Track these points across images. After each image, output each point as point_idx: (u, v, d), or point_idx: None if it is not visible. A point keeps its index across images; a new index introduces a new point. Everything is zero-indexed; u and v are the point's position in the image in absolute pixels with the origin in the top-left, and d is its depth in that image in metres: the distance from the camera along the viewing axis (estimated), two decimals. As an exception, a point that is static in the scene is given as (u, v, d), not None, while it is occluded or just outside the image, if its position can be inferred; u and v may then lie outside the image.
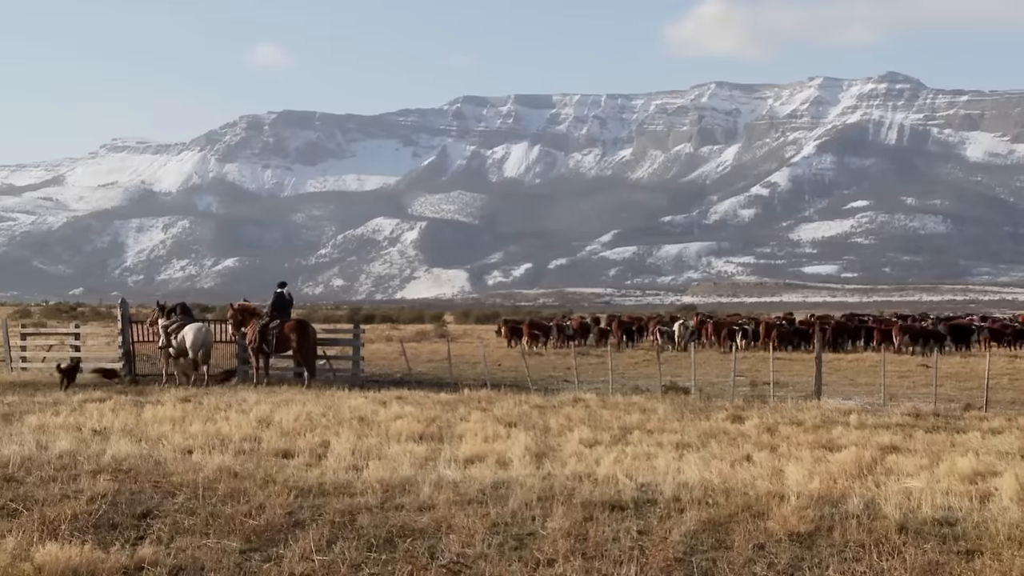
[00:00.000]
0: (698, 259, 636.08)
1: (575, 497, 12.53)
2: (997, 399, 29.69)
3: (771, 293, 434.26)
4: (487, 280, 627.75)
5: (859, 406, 27.00)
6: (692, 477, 13.81)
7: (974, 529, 11.04)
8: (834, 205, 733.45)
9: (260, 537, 10.65)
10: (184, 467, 14.43)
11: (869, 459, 15.91)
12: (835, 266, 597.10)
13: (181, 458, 15.34)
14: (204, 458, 15.12)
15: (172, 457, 15.38)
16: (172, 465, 14.64)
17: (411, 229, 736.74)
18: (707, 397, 28.86)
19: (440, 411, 22.97)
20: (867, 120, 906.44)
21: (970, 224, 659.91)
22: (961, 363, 46.17)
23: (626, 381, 35.65)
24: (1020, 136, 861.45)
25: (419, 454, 15.96)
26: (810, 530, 10.95)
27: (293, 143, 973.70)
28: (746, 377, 36.36)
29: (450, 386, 32.39)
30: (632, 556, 9.81)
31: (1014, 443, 18.86)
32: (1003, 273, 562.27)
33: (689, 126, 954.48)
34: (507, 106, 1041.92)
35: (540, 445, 17.31)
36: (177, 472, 14.05)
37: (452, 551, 10.10)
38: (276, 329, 33.03)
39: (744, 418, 22.52)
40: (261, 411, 22.23)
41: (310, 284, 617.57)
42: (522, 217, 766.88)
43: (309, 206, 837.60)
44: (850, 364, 46.85)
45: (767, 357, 35.54)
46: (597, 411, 23.83)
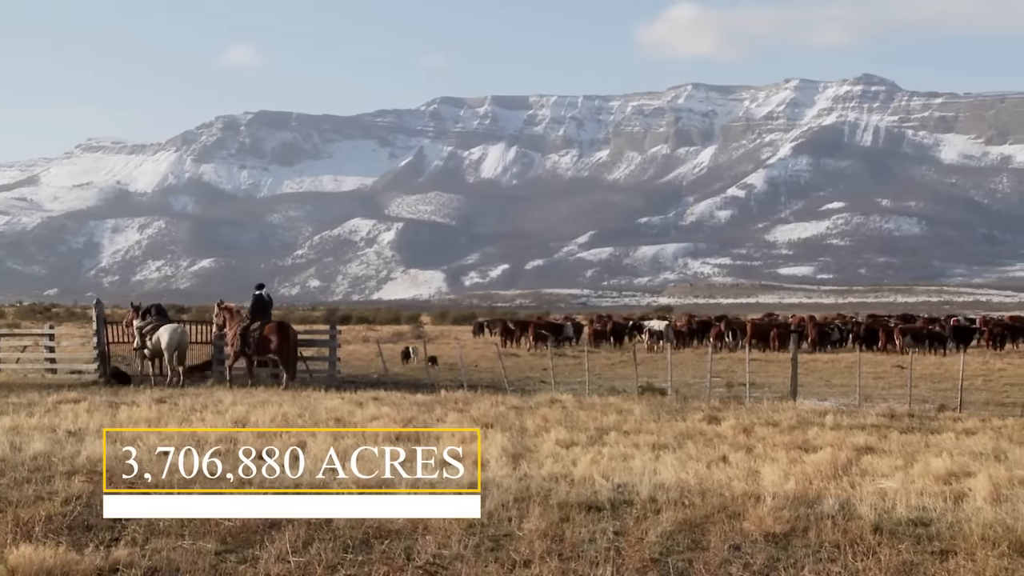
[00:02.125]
0: (674, 260, 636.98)
1: (551, 498, 12.53)
2: (971, 400, 29.85)
3: (747, 294, 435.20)
4: (464, 281, 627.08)
5: (834, 407, 27.11)
6: (668, 478, 13.84)
7: (948, 529, 11.10)
8: (810, 207, 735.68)
9: (236, 538, 10.62)
10: (159, 468, 14.35)
11: (844, 460, 15.97)
12: (811, 267, 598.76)
13: (156, 459, 15.26)
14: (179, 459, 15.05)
15: (147, 458, 15.30)
16: (147, 466, 14.57)
17: (388, 230, 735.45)
18: (683, 398, 28.92)
19: (417, 412, 22.95)
20: (842, 122, 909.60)
21: (945, 226, 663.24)
22: (935, 364, 46.40)
23: (602, 382, 35.71)
24: (994, 138, 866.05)
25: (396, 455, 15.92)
26: (786, 531, 10.99)
27: (269, 143, 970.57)
28: (722, 378, 36.45)
29: (427, 387, 32.37)
30: (608, 557, 9.83)
31: (988, 444, 18.96)
32: (977, 275, 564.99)
33: (666, 127, 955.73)
34: (484, 107, 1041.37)
35: (517, 446, 17.31)
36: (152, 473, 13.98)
37: (428, 552, 10.09)
38: (256, 331, 32.98)
39: (720, 419, 22.58)
40: (237, 412, 22.16)
41: (286, 285, 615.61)
42: (499, 218, 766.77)
43: (285, 207, 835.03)
44: (825, 365, 47.02)
45: (743, 358, 35.65)
46: (574, 412, 23.85)
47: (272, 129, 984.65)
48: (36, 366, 36.45)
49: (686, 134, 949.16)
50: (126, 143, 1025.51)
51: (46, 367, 36.14)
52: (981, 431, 21.52)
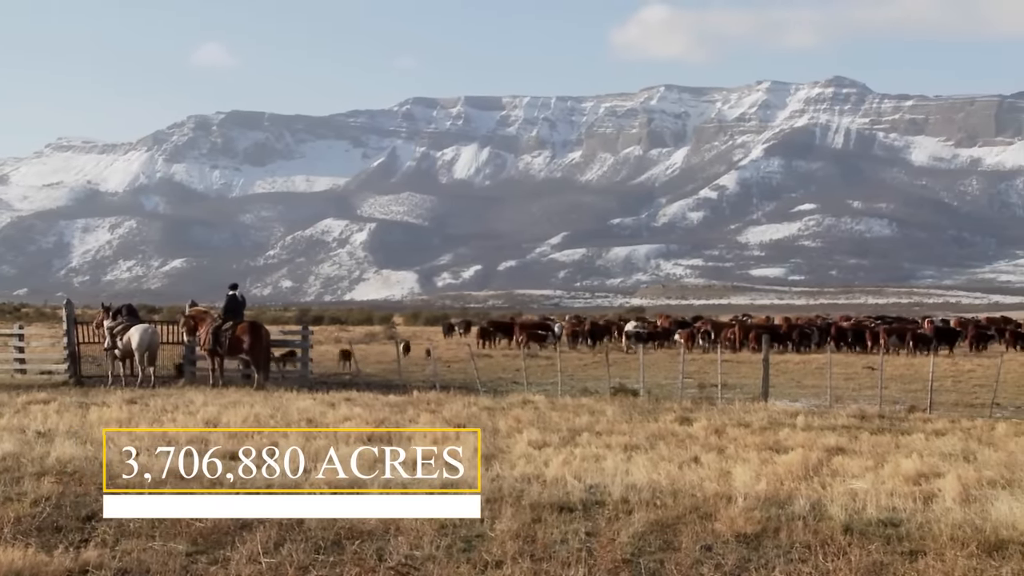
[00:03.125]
0: (647, 261, 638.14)
1: (524, 499, 12.54)
2: (941, 401, 30.03)
3: (719, 295, 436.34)
4: (437, 282, 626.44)
5: (806, 408, 27.24)
6: (640, 479, 13.86)
7: (918, 530, 11.15)
8: (781, 208, 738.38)
9: (207, 539, 10.58)
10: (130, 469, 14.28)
11: (815, 461, 16.04)
12: (782, 269, 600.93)
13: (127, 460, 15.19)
14: (150, 460, 14.97)
15: (118, 459, 15.22)
16: (118, 467, 14.50)
17: (360, 230, 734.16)
18: (656, 399, 28.98)
19: (389, 413, 22.92)
20: (814, 124, 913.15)
21: (915, 228, 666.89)
22: (906, 365, 46.64)
23: (575, 383, 35.75)
24: (964, 141, 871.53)
25: (368, 456, 15.89)
26: (757, 531, 11.02)
27: (241, 143, 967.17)
28: (694, 379, 36.56)
29: (399, 388, 32.33)
30: (580, 558, 9.83)
31: (957, 445, 19.08)
32: (947, 276, 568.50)
33: (638, 129, 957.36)
34: (457, 108, 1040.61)
35: (489, 447, 17.31)
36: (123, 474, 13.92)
37: (400, 553, 10.08)
38: (229, 331, 32.88)
39: (692, 420, 22.64)
40: (208, 413, 22.08)
41: (258, 285, 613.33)
42: (472, 219, 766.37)
43: (258, 207, 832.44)
44: (796, 366, 47.21)
45: (715, 359, 35.74)
46: (546, 413, 23.87)
47: (244, 129, 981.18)
48: (5, 367, 36.21)
49: (659, 135, 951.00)
50: (97, 142, 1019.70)
51: (15, 368, 35.92)
52: (951, 432, 21.65)
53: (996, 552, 10.24)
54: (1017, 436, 21.08)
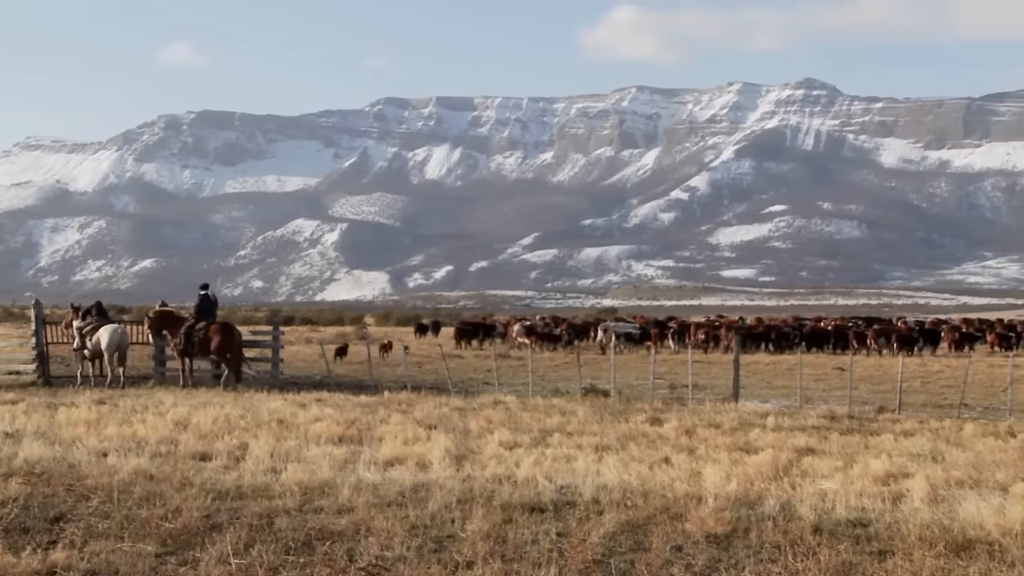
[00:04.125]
0: (618, 262, 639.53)
1: (495, 499, 12.53)
2: (909, 402, 30.19)
3: (690, 296, 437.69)
4: (408, 282, 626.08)
5: (776, 409, 27.33)
6: (611, 479, 13.87)
7: (886, 530, 11.20)
8: (752, 210, 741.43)
9: (176, 540, 10.53)
10: (99, 470, 14.21)
11: (785, 461, 16.10)
12: (753, 270, 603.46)
13: (96, 461, 15.11)
14: (119, 461, 14.91)
15: (86, 460, 15.14)
16: (86, 468, 14.42)
17: (332, 231, 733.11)
18: (627, 399, 29.02)
19: (360, 413, 22.87)
20: (785, 126, 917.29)
21: (884, 229, 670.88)
22: (875, 366, 46.89)
23: (546, 383, 35.77)
24: (933, 143, 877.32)
25: (338, 456, 15.87)
26: (727, 531, 11.05)
27: (212, 143, 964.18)
28: (665, 380, 36.61)
29: (370, 388, 32.28)
30: (551, 558, 9.84)
31: (926, 445, 19.19)
32: (916, 278, 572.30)
33: (610, 130, 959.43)
34: (428, 108, 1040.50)
35: (460, 447, 17.30)
36: (91, 475, 13.84)
37: (371, 553, 10.06)
38: (201, 331, 32.75)
39: (663, 420, 22.68)
40: (178, 413, 21.98)
41: (229, 285, 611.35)
42: (443, 219, 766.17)
43: (228, 207, 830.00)
44: (767, 367, 47.36)
45: (686, 360, 35.82)
46: (517, 413, 23.87)
47: (215, 129, 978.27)
48: (-27, 367, 35.95)
49: (630, 136, 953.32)
50: (66, 142, 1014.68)
51: (-17, 368, 35.67)
52: (919, 432, 21.77)
53: (963, 552, 10.30)
54: (985, 437, 21.22)
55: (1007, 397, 29.39)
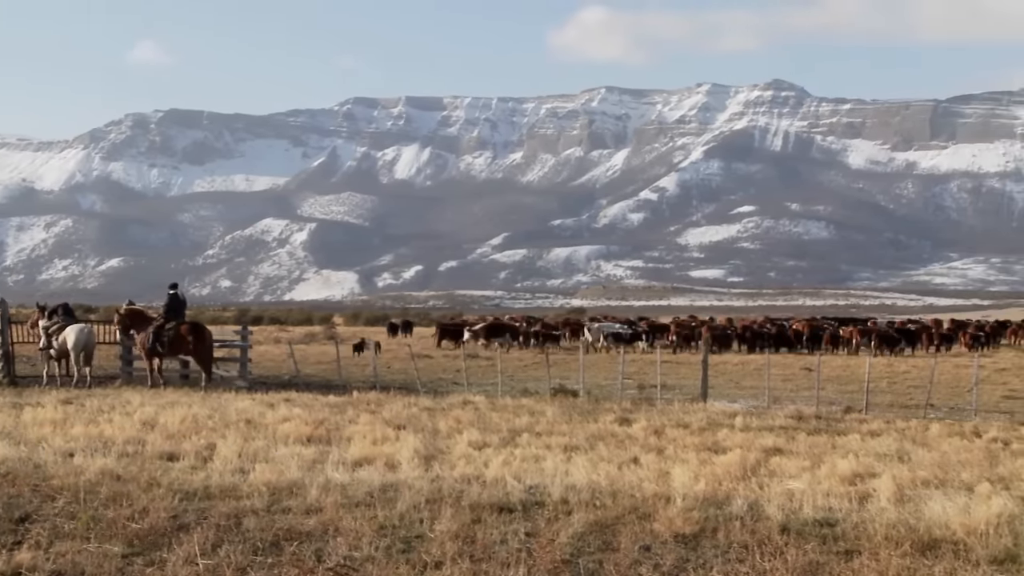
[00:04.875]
0: (587, 262, 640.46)
1: (463, 499, 12.52)
2: (876, 402, 30.38)
3: (659, 297, 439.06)
4: (377, 282, 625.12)
5: (744, 409, 27.45)
6: (580, 479, 13.88)
7: (853, 529, 11.25)
8: (721, 210, 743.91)
9: (143, 541, 10.47)
10: (65, 470, 14.11)
11: (753, 461, 16.15)
12: (722, 270, 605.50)
13: (62, 461, 15.00)
14: (86, 461, 14.81)
15: (52, 460, 15.03)
16: (52, 468, 14.31)
17: (300, 230, 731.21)
18: (595, 400, 29.08)
19: (329, 413, 22.81)
20: (753, 127, 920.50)
21: (852, 230, 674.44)
22: (842, 367, 47.13)
23: (515, 384, 35.81)
24: (900, 145, 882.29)
25: (307, 456, 15.82)
26: (695, 531, 11.07)
27: (180, 142, 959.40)
28: (634, 380, 36.72)
29: (339, 388, 32.23)
30: (520, 558, 9.84)
31: (892, 445, 19.30)
32: (883, 279, 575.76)
33: (579, 130, 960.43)
34: (398, 108, 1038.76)
35: (429, 447, 17.27)
36: (57, 475, 13.74)
37: (339, 554, 10.04)
38: (171, 331, 32.57)
39: (632, 420, 22.73)
40: (146, 413, 21.86)
41: (197, 285, 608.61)
42: (412, 219, 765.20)
43: (196, 206, 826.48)
44: (735, 367, 47.56)
45: (655, 360, 35.91)
46: (486, 413, 23.87)
47: (183, 128, 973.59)
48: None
49: (599, 137, 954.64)
50: (32, 140, 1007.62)
51: (-53, 368, 35.38)
52: (886, 432, 21.91)
53: (929, 551, 10.36)
54: (950, 437, 21.37)
55: (972, 397, 29.61)
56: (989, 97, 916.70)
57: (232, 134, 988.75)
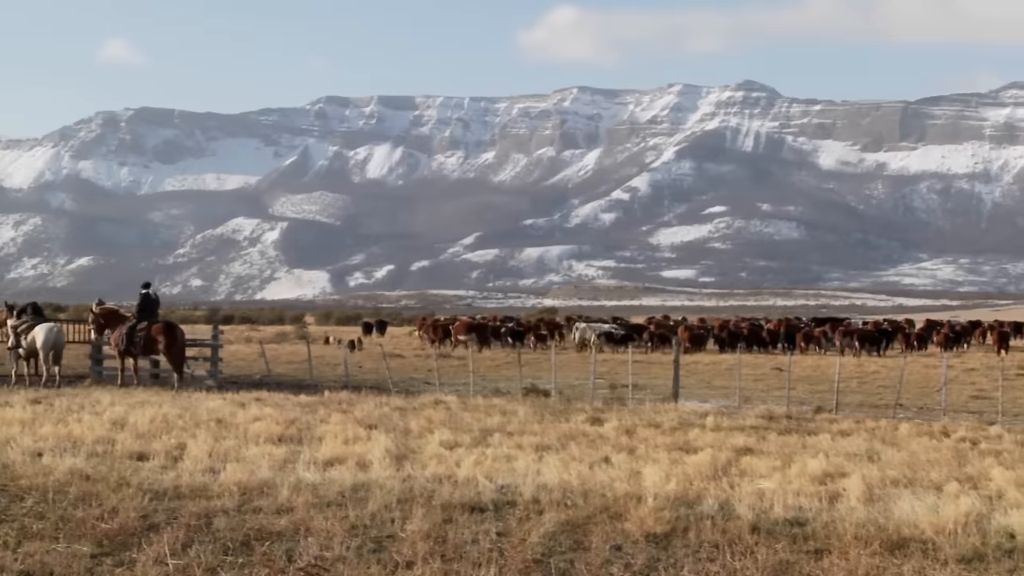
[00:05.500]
0: (559, 262, 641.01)
1: (435, 499, 12.52)
2: (846, 402, 30.54)
3: (631, 297, 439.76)
4: (349, 281, 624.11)
5: (715, 408, 27.54)
6: (551, 479, 13.90)
7: (823, 529, 11.31)
8: (693, 210, 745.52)
9: (112, 541, 10.42)
10: (33, 470, 14.03)
11: (724, 461, 16.21)
12: (693, 270, 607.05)
13: (30, 461, 14.91)
14: (55, 461, 14.74)
15: (20, 460, 14.94)
16: (21, 468, 14.23)
17: (272, 229, 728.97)
18: (567, 399, 29.13)
19: (300, 413, 22.77)
20: (725, 127, 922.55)
21: (822, 231, 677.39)
22: (812, 367, 47.33)
23: (487, 383, 35.83)
24: (870, 145, 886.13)
25: (278, 456, 15.79)
26: (666, 531, 11.10)
27: (151, 140, 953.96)
28: (605, 380, 36.77)
29: (310, 388, 32.17)
30: (491, 558, 9.84)
31: (861, 445, 19.41)
32: (853, 279, 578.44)
33: (551, 130, 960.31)
34: (370, 107, 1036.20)
35: (400, 447, 17.26)
36: (26, 475, 13.67)
37: (310, 554, 10.01)
38: (143, 331, 32.41)
39: (603, 420, 22.77)
40: (115, 413, 21.76)
41: (168, 284, 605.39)
42: (384, 218, 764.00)
43: (167, 205, 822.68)
44: (707, 367, 47.71)
45: (627, 360, 35.98)
46: (458, 413, 23.88)
47: (153, 126, 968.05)
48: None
49: (571, 137, 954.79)
50: (0, 138, 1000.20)
51: (-85, 367, 35.14)
52: (855, 432, 22.03)
53: (898, 550, 10.42)
54: (919, 436, 21.51)
55: (941, 397, 29.79)
56: (958, 99, 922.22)
57: (203, 132, 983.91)
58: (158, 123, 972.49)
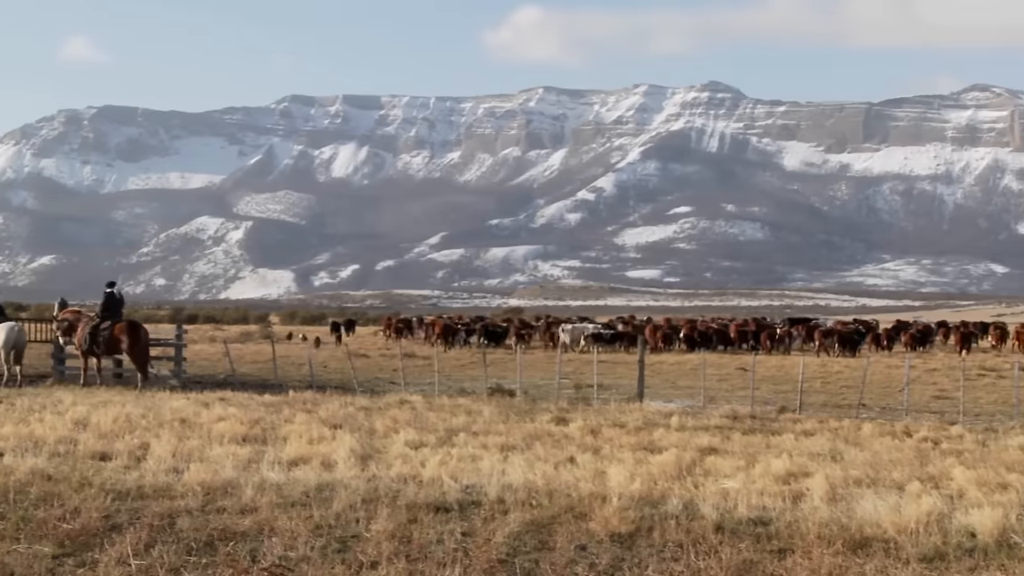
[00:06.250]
0: (525, 262, 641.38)
1: (400, 499, 12.50)
2: (810, 402, 30.69)
3: (596, 297, 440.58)
4: (314, 281, 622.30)
5: (680, 408, 27.62)
6: (516, 479, 13.91)
7: (786, 528, 11.36)
8: (658, 211, 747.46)
9: (75, 541, 10.36)
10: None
11: (688, 460, 16.26)
12: (658, 271, 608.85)
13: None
14: (16, 461, 14.63)
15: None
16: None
17: (236, 228, 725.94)
18: (532, 400, 29.14)
19: (264, 413, 22.70)
20: (690, 128, 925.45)
21: (787, 231, 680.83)
22: (776, 367, 47.54)
23: (452, 383, 35.82)
24: (833, 147, 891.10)
25: (242, 456, 15.73)
26: (631, 531, 11.12)
27: (114, 139, 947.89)
28: (570, 380, 36.82)
29: (275, 388, 32.07)
30: (456, 558, 9.84)
31: (825, 445, 19.52)
32: (817, 279, 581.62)
33: (517, 130, 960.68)
34: (335, 106, 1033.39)
35: (365, 447, 17.23)
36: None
37: (274, 554, 9.98)
38: (107, 330, 32.20)
39: (568, 420, 22.80)
40: (78, 413, 21.62)
41: (131, 283, 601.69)
42: (350, 218, 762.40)
43: (131, 204, 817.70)
44: (672, 367, 47.85)
45: (592, 360, 36.01)
46: (423, 413, 23.86)
47: (117, 124, 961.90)
48: None
49: (537, 137, 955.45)
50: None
51: None
52: (819, 432, 22.15)
53: (860, 549, 10.48)
54: (882, 436, 21.65)
55: (904, 398, 29.99)
56: (920, 100, 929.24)
57: (167, 131, 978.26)
58: (121, 121, 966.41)
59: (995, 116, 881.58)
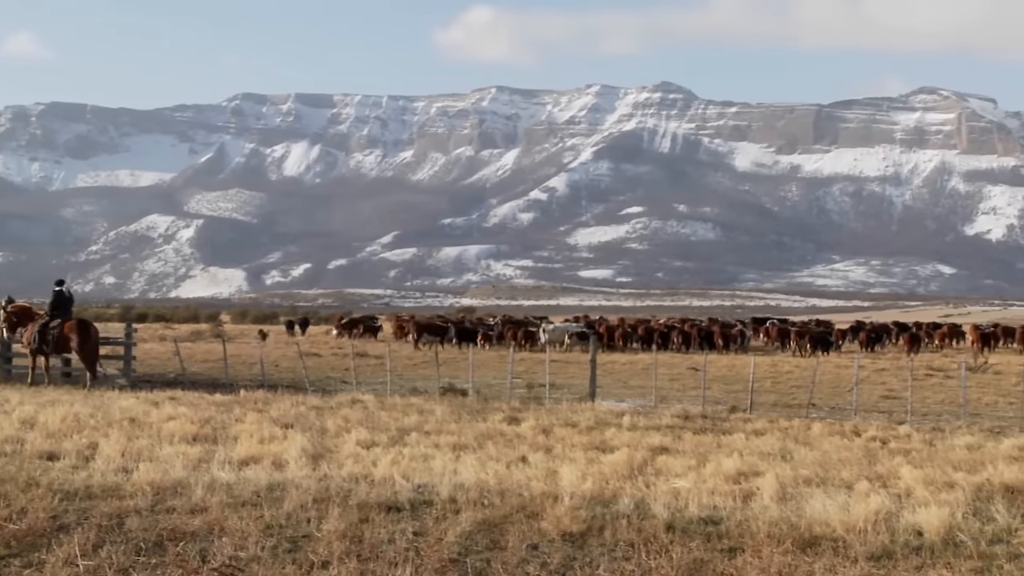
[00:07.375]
0: (477, 262, 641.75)
1: (351, 499, 12.46)
2: (760, 401, 30.86)
3: (548, 296, 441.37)
4: (265, 280, 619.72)
5: (631, 408, 27.69)
6: (468, 478, 13.90)
7: (737, 527, 11.41)
8: (610, 211, 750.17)
9: (21, 542, 10.25)
10: (-60, 471, 13.77)
11: (640, 460, 16.30)
12: (610, 271, 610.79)
13: (-63, 462, 14.64)
14: (-38, 462, 14.47)
15: (-73, 461, 14.66)
16: (-73, 469, 13.96)
17: (187, 227, 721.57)
18: (484, 399, 29.14)
19: (215, 412, 22.55)
20: (642, 128, 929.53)
21: (738, 232, 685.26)
22: (728, 366, 47.78)
23: (404, 383, 35.74)
24: (784, 148, 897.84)
25: (192, 456, 15.61)
26: (582, 530, 11.14)
27: (62, 136, 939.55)
28: (523, 379, 36.84)
29: (226, 387, 31.86)
30: (407, 557, 9.82)
31: (775, 444, 19.65)
32: (768, 279, 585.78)
33: (470, 129, 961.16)
34: (287, 104, 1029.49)
35: (317, 446, 17.16)
36: (-68, 476, 13.40)
37: (225, 554, 9.92)
38: (56, 329, 31.90)
39: (520, 420, 22.82)
40: (25, 412, 21.39)
41: (80, 281, 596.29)
42: (302, 217, 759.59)
43: (79, 201, 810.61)
44: (624, 367, 47.94)
45: (544, 359, 36.05)
46: (375, 412, 23.79)
47: (65, 121, 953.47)
48: None
49: (490, 136, 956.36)
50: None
51: None
52: (769, 432, 22.29)
53: (810, 548, 10.55)
54: (831, 436, 21.81)
55: (853, 397, 30.23)
56: (870, 103, 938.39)
57: (116, 128, 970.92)
58: (70, 118, 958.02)
59: (943, 119, 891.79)
